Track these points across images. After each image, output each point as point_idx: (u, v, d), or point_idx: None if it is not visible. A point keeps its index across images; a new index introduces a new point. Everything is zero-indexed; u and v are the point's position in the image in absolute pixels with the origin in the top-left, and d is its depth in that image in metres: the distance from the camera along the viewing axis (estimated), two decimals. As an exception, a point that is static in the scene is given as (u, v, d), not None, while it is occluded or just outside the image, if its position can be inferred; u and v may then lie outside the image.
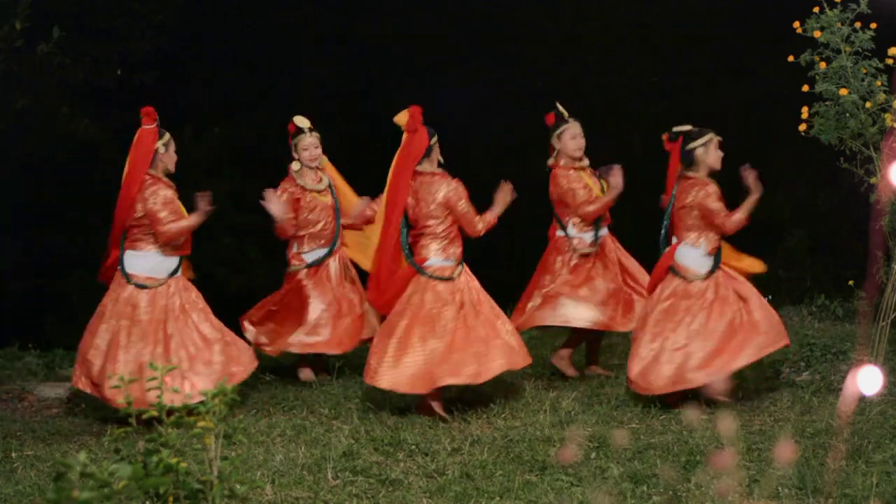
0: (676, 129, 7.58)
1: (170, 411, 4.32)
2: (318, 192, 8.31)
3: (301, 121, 8.33)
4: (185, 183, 7.65)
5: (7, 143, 11.36)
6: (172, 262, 7.56)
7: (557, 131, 8.12)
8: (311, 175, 8.33)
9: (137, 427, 4.50)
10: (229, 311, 8.37)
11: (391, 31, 15.79)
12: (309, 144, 8.28)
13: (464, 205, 7.33)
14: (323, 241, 8.31)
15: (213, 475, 4.24)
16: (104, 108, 13.06)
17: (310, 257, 8.29)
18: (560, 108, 8.16)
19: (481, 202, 7.77)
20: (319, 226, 8.29)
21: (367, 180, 8.20)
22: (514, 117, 14.77)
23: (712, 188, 7.41)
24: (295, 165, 8.31)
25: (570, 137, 8.08)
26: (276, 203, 8.03)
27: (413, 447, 6.45)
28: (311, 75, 15.20)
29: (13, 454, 6.69)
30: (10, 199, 12.90)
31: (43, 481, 6.02)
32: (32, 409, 8.07)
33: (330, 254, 8.31)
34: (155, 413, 4.41)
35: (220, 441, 4.31)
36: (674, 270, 7.44)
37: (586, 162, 8.18)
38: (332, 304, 8.22)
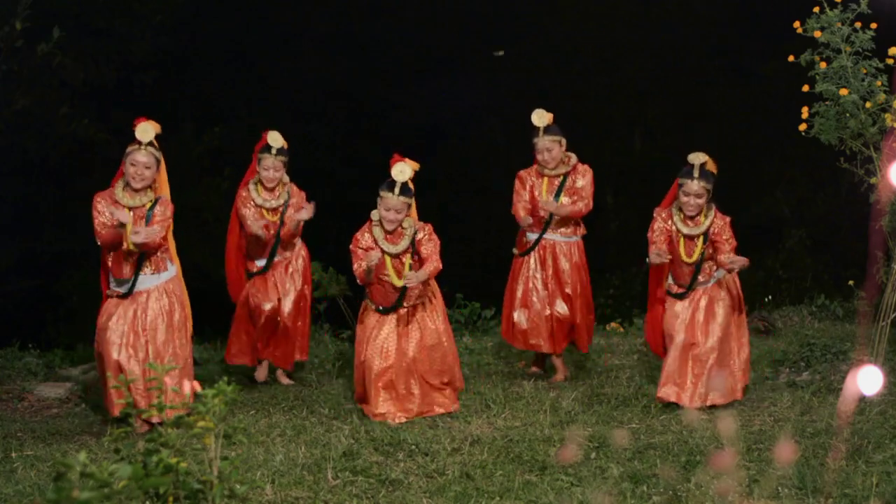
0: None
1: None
2: (268, 209, 8.11)
3: (274, 138, 8.07)
4: (185, 183, 7.65)
5: (7, 143, 11.38)
6: None
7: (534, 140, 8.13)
8: (268, 192, 8.14)
9: (138, 426, 4.51)
10: (228, 312, 8.37)
11: (391, 32, 15.81)
12: (270, 165, 8.06)
13: None
14: (265, 253, 8.22)
15: (213, 475, 4.24)
16: (104, 108, 13.08)
17: (259, 263, 8.23)
18: (536, 117, 8.07)
19: (480, 202, 7.79)
20: (267, 239, 8.15)
21: (366, 179, 8.21)
22: (514, 117, 14.78)
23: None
24: (255, 177, 8.16)
25: (537, 151, 8.10)
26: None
27: (413, 447, 6.45)
28: (311, 75, 15.21)
29: (13, 454, 6.68)
30: (10, 199, 12.91)
31: (43, 481, 6.02)
32: (32, 409, 8.07)
33: (269, 266, 8.19)
34: (156, 413, 4.42)
35: (220, 441, 4.31)
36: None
37: (557, 171, 8.08)
38: (259, 316, 8.18)
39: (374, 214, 7.22)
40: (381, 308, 7.30)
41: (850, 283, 9.39)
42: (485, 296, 10.81)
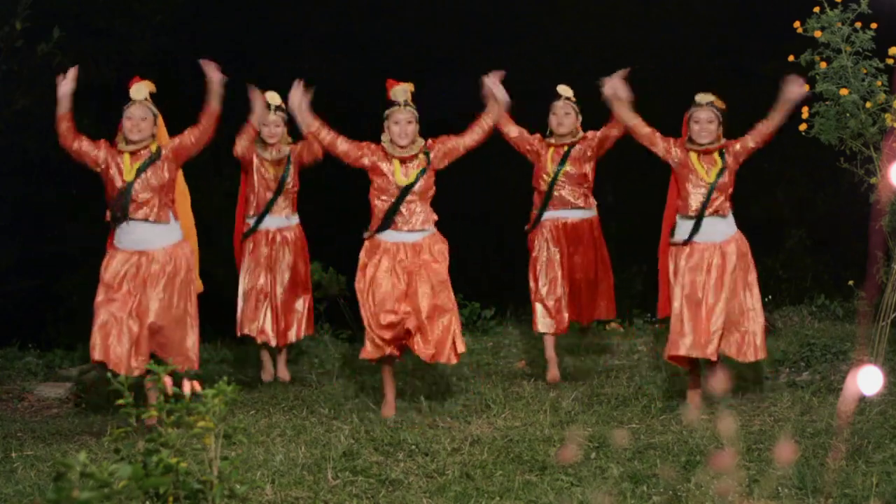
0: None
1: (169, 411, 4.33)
2: (270, 161, 8.23)
3: (272, 97, 8.29)
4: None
5: (7, 143, 11.37)
6: None
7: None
8: (271, 148, 8.27)
9: (139, 425, 4.50)
10: (228, 312, 8.36)
11: (391, 32, 15.80)
12: (270, 122, 8.24)
13: None
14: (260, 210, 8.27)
15: (213, 475, 4.24)
16: (104, 108, 13.08)
17: (251, 221, 8.29)
18: (562, 89, 8.17)
19: (479, 202, 7.78)
20: (260, 193, 8.23)
21: (367, 179, 8.18)
22: (514, 117, 14.75)
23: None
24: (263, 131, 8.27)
25: (552, 113, 8.18)
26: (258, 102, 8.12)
27: (413, 447, 6.45)
28: (311, 75, 15.19)
29: (13, 454, 6.68)
30: (10, 199, 12.90)
31: (43, 481, 6.02)
32: (32, 409, 8.07)
33: (259, 223, 8.21)
34: (155, 413, 4.42)
35: (220, 441, 4.31)
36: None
37: (563, 139, 8.15)
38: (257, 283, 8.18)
39: (385, 137, 7.30)
40: (380, 227, 7.23)
41: (850, 283, 9.38)
42: (485, 296, 10.80)
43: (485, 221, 15.20)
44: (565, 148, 8.16)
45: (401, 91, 7.33)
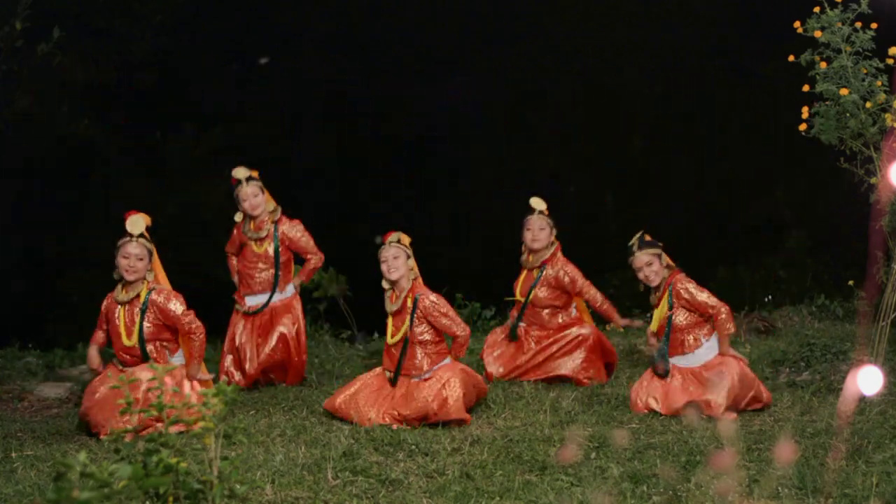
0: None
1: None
2: (255, 240, 8.16)
3: (239, 172, 8.15)
4: (185, 183, 7.66)
5: (7, 143, 11.38)
6: None
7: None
8: (253, 223, 8.17)
9: (137, 427, 4.51)
10: (228, 314, 8.36)
11: (391, 32, 15.81)
12: (248, 195, 8.12)
13: None
14: (258, 290, 8.21)
15: (213, 475, 4.25)
16: (104, 108, 13.09)
17: (249, 301, 8.22)
18: (535, 202, 8.23)
19: (480, 202, 7.79)
20: (254, 274, 8.18)
21: (366, 179, 8.21)
22: (515, 117, 14.77)
23: None
24: (238, 216, 8.21)
25: (526, 228, 8.24)
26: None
27: (413, 447, 6.46)
28: (311, 75, 15.21)
29: (13, 454, 6.68)
30: (9, 199, 12.92)
31: (43, 481, 6.02)
32: (32, 409, 8.07)
33: (268, 304, 8.17)
34: (155, 413, 4.42)
35: (220, 441, 4.31)
36: None
37: (537, 259, 8.19)
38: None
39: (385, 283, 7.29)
40: (389, 376, 7.30)
41: (850, 283, 9.39)
42: (485, 296, 10.81)
43: (486, 222, 15.22)
44: (535, 273, 8.23)
45: (394, 237, 7.27)
